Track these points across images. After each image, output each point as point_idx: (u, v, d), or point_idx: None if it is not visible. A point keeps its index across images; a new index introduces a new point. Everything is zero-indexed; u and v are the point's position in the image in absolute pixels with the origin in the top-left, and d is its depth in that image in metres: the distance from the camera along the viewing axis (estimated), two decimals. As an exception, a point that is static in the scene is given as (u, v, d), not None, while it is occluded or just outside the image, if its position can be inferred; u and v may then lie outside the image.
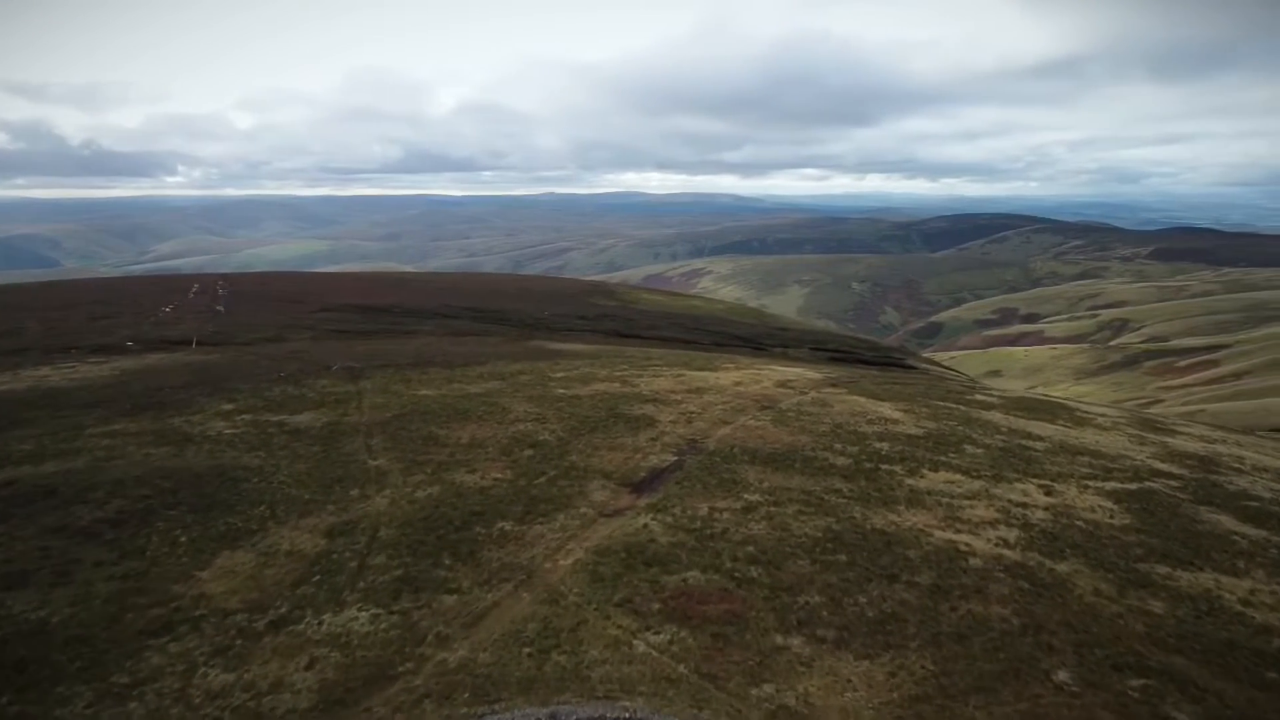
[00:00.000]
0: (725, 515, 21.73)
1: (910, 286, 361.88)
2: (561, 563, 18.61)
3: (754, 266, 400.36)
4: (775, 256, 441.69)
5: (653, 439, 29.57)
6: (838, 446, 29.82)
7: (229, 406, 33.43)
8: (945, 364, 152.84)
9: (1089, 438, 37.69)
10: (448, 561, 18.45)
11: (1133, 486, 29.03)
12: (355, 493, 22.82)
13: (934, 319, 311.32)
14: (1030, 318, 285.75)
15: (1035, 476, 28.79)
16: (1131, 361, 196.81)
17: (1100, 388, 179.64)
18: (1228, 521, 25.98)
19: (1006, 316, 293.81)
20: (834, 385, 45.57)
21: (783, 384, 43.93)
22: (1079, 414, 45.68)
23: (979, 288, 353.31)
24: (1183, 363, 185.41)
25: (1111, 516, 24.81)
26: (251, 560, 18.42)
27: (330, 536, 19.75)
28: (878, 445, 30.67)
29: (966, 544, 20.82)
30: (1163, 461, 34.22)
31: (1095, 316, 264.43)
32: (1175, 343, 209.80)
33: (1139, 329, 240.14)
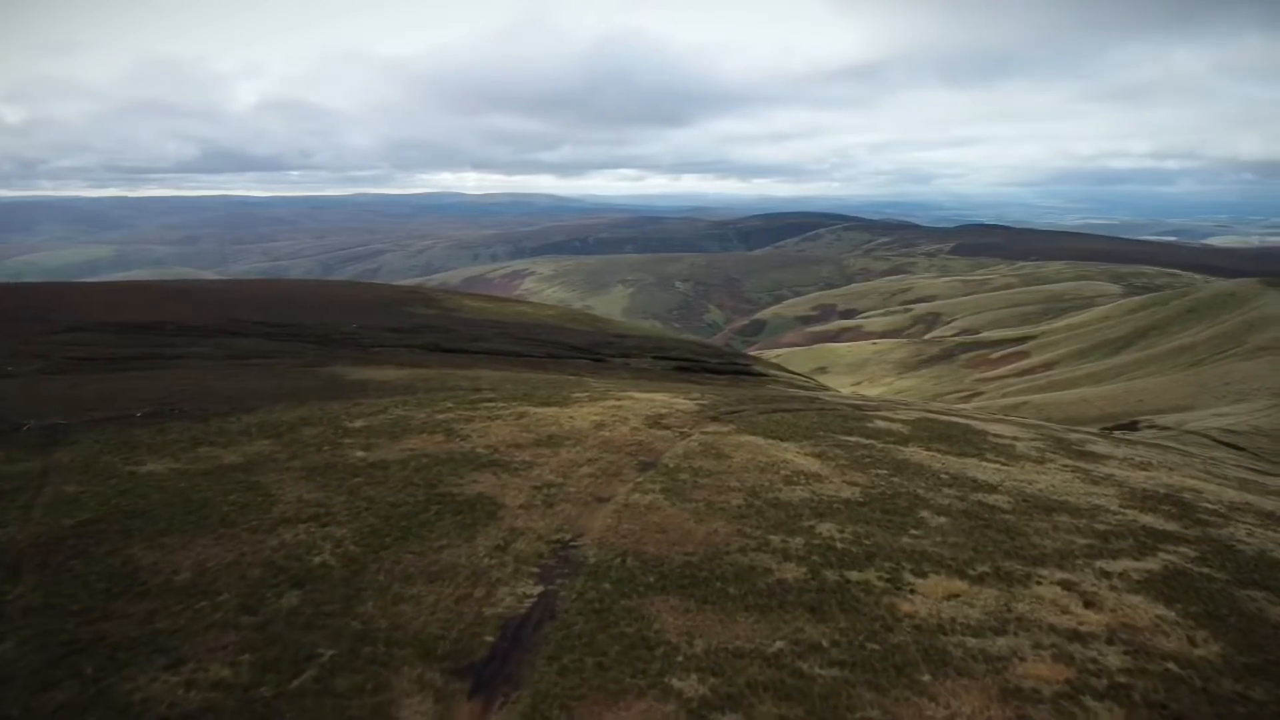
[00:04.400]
0: (658, 754, 11.75)
1: (732, 285, 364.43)
2: None
3: (577, 267, 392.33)
4: (597, 256, 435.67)
5: (499, 547, 19.05)
6: (774, 540, 20.40)
7: None
8: (776, 361, 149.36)
9: (1038, 480, 30.41)
10: None
11: (1154, 567, 21.39)
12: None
13: (757, 316, 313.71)
14: (848, 313, 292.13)
15: (1038, 564, 20.58)
16: (948, 355, 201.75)
17: (922, 381, 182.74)
18: (1306, 619, 18.66)
19: (826, 312, 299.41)
20: (715, 419, 36.46)
21: (654, 421, 34.36)
22: (993, 439, 38.89)
23: (797, 285, 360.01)
24: (995, 355, 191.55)
25: (1193, 641, 16.73)
26: None
27: None
28: (821, 530, 21.50)
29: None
30: (1141, 511, 27.24)
31: (909, 311, 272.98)
32: (986, 335, 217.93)
33: (950, 322, 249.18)
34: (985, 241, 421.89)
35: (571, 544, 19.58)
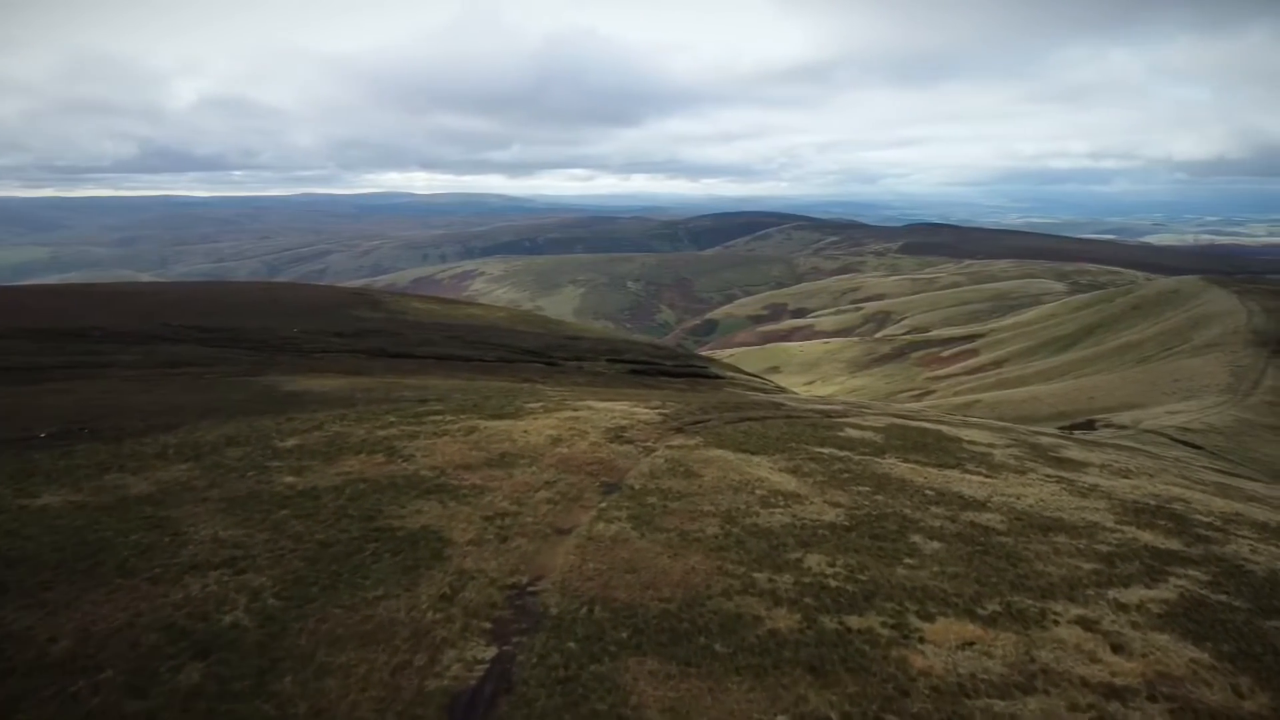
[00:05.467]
0: None
1: (683, 284, 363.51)
2: None
3: (527, 267, 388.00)
4: (548, 256, 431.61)
5: (444, 596, 16.40)
6: (759, 578, 18.04)
7: None
8: (729, 361, 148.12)
9: (1025, 494, 28.62)
10: None
11: (1169, 595, 19.56)
12: None
13: (709, 316, 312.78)
14: (799, 312, 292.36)
15: (1048, 597, 18.58)
16: (899, 353, 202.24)
17: (874, 380, 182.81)
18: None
19: (777, 312, 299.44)
20: (680, 431, 34.09)
21: (615, 435, 31.87)
22: (969, 447, 37.21)
23: (748, 284, 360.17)
24: (946, 353, 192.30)
25: (1238, 692, 14.78)
26: None
27: None
28: (810, 563, 19.21)
29: None
30: (1138, 528, 25.54)
31: (859, 309, 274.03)
32: (936, 333, 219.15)
33: (900, 320, 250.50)
34: (932, 241, 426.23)
35: (529, 589, 17.00)
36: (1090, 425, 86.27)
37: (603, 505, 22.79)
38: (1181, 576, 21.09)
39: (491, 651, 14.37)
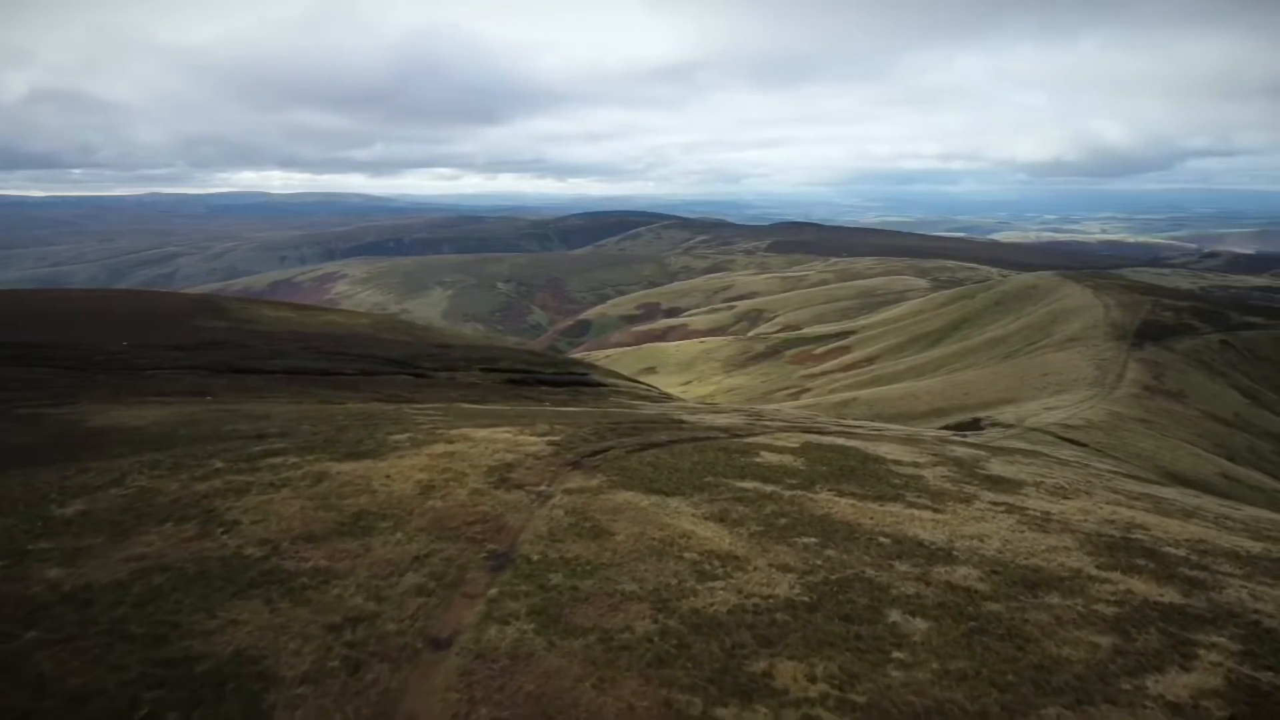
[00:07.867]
0: None
1: (555, 285, 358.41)
2: None
3: (392, 268, 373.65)
4: (414, 257, 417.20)
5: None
6: (724, 715, 12.90)
7: None
8: (607, 363, 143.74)
9: (986, 534, 24.61)
10: None
11: (1216, 683, 15.75)
12: None
13: (582, 317, 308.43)
14: (673, 312, 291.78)
15: (1087, 703, 14.28)
16: (774, 351, 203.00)
17: (751, 378, 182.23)
18: None
19: (650, 311, 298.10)
20: (576, 465, 28.67)
21: (501, 476, 26.15)
22: (895, 468, 33.30)
23: (620, 284, 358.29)
24: (819, 350, 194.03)
25: None
26: None
27: None
28: (784, 679, 14.13)
29: None
30: (1123, 573, 21.84)
31: (732, 308, 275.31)
32: (808, 330, 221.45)
33: (773, 318, 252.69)
34: (798, 239, 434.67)
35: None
36: (976, 424, 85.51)
37: (493, 592, 17.14)
38: (1209, 648, 17.27)
39: None
